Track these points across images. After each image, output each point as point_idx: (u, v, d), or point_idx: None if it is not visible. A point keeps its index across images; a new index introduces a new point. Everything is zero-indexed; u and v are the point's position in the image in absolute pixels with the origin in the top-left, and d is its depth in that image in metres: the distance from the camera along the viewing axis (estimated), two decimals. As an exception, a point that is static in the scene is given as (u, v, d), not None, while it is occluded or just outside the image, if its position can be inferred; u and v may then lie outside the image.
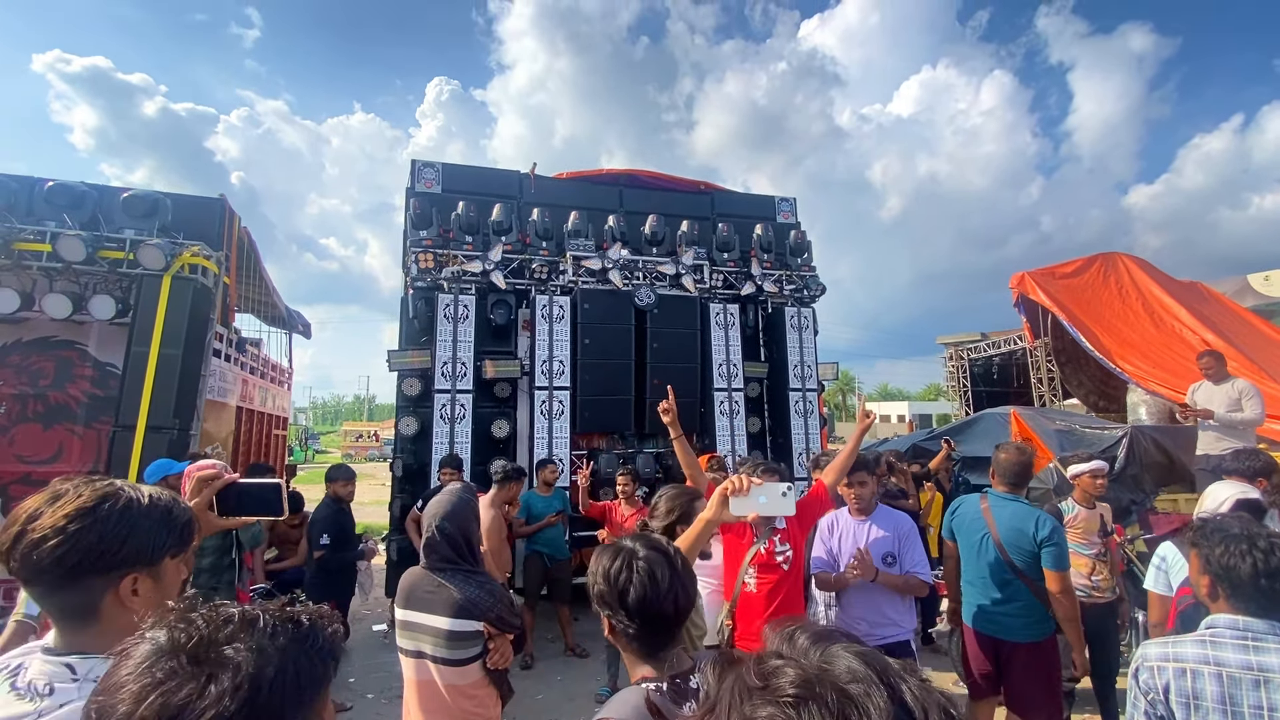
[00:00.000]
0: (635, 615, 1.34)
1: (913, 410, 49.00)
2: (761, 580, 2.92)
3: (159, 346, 5.29)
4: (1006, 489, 3.28)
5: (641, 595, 1.33)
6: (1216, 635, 1.57)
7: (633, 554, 1.39)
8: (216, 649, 0.64)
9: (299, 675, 0.66)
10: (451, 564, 2.09)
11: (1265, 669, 1.47)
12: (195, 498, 1.39)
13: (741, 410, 7.15)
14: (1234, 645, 1.53)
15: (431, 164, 7.07)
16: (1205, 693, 1.51)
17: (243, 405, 7.97)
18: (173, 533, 1.08)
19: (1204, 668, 1.53)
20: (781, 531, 2.96)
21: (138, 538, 1.03)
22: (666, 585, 1.33)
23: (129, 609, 1.01)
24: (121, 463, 5.07)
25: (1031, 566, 3.10)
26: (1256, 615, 1.55)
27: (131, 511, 1.03)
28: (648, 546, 1.41)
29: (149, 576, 1.05)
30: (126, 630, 1.03)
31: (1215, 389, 5.32)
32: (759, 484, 1.83)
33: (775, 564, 2.91)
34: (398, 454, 6.32)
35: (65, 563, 0.97)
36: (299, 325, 10.43)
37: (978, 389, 14.85)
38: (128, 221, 5.54)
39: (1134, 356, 8.99)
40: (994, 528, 3.19)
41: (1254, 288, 13.16)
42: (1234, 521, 1.67)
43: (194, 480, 1.41)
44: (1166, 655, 1.60)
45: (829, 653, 0.55)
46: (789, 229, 7.94)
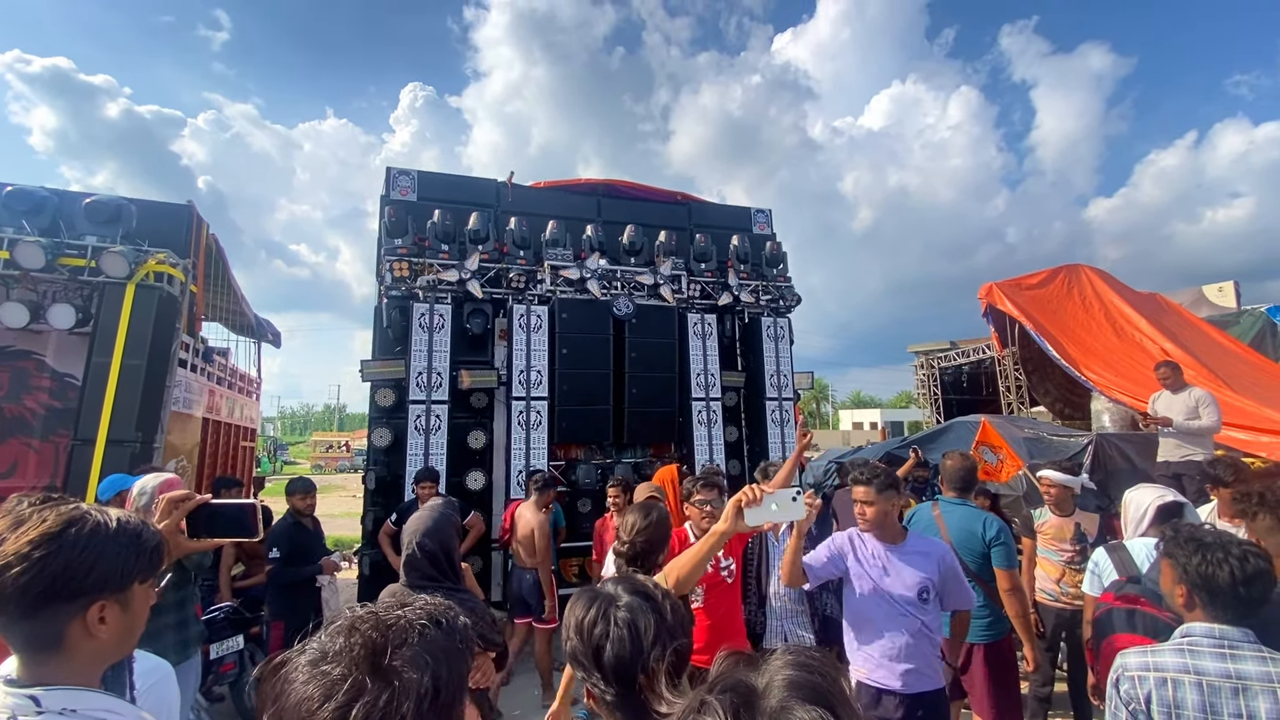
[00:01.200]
0: (612, 678, 1.11)
1: (885, 418, 49.77)
2: (711, 596, 2.94)
3: (121, 357, 5.12)
4: (955, 494, 3.49)
5: (619, 654, 1.10)
6: (1194, 644, 1.58)
7: (611, 601, 1.17)
8: (394, 659, 0.66)
9: (459, 671, 0.70)
10: (432, 581, 2.05)
11: (1243, 676, 1.50)
12: (165, 520, 1.34)
13: (719, 419, 7.18)
14: (1212, 654, 1.55)
15: (407, 171, 7.00)
16: (1187, 701, 1.53)
17: (209, 416, 7.75)
18: (142, 557, 1.04)
19: (1184, 677, 1.54)
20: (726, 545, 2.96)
21: (106, 564, 0.99)
22: (650, 640, 1.11)
23: (96, 637, 0.98)
24: (80, 477, 4.88)
25: (984, 568, 3.26)
26: (1232, 623, 1.57)
27: (99, 536, 0.99)
28: (631, 591, 1.20)
29: (117, 604, 1.01)
30: (94, 658, 1.01)
31: (1174, 398, 5.51)
32: (770, 493, 1.88)
33: (720, 579, 2.95)
34: (370, 466, 6.20)
35: (30, 591, 0.93)
36: (268, 334, 10.20)
37: (948, 397, 15.14)
38: (90, 228, 5.37)
39: (1098, 365, 9.26)
40: (945, 532, 3.35)
41: (1208, 298, 13.69)
42: (1206, 531, 1.70)
43: (164, 502, 1.36)
44: (1147, 665, 1.61)
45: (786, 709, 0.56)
46: (765, 240, 8.04)
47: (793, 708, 0.56)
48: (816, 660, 0.64)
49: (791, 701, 0.56)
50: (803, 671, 0.60)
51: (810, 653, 0.66)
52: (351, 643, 0.67)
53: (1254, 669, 1.50)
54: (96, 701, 0.97)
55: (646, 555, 2.18)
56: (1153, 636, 1.79)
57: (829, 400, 70.96)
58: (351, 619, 0.70)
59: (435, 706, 0.65)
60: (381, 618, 0.70)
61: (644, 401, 6.82)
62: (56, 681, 0.95)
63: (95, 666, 1.03)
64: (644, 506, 2.36)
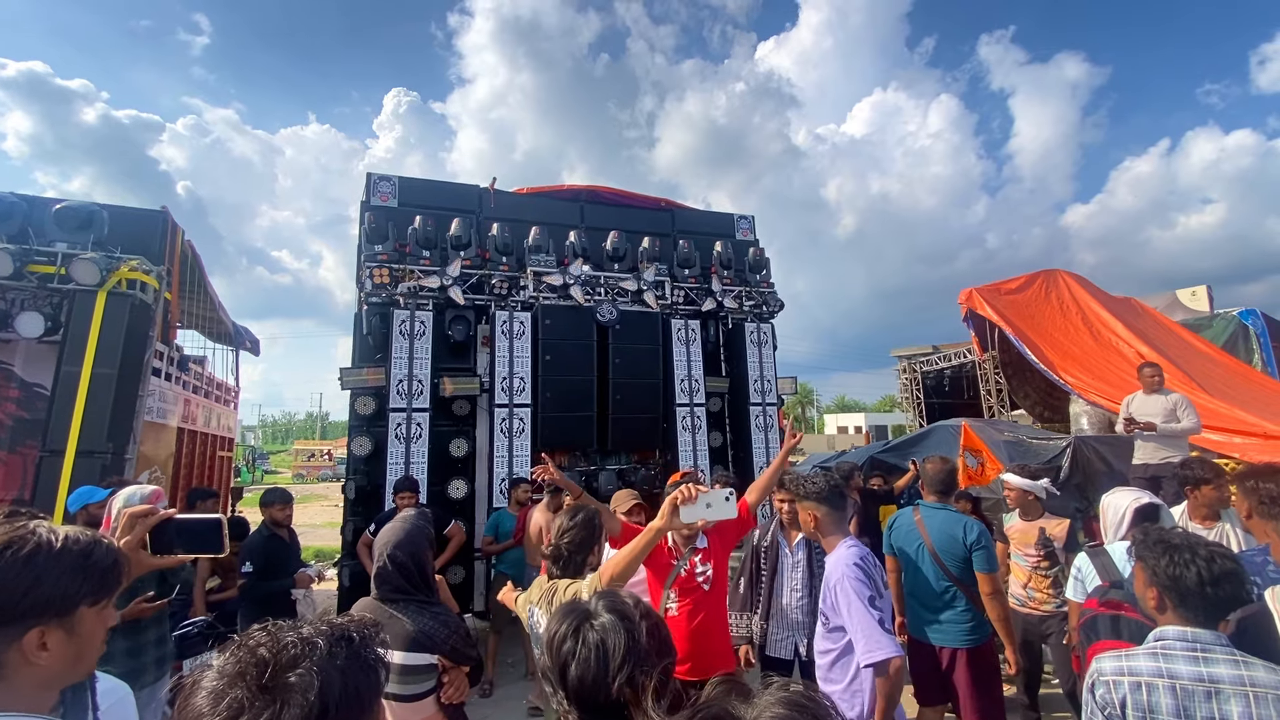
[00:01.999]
0: (573, 699, 1.06)
1: (869, 421, 50.13)
2: (685, 602, 2.88)
3: (92, 366, 5.01)
4: (935, 498, 3.49)
5: (582, 675, 1.06)
6: (1167, 647, 1.58)
7: (586, 618, 1.13)
8: (282, 675, 0.66)
9: (359, 690, 0.69)
10: (404, 594, 2.00)
11: (1215, 680, 1.50)
12: (126, 535, 1.29)
13: (703, 425, 7.18)
14: (1184, 657, 1.55)
15: (388, 177, 6.94)
16: (1161, 706, 1.52)
17: (184, 426, 7.60)
18: (89, 579, 0.98)
19: (1158, 681, 1.54)
20: (703, 551, 2.94)
21: (44, 588, 0.94)
22: (618, 663, 1.05)
23: (35, 665, 0.93)
24: (49, 490, 4.76)
25: (965, 572, 3.25)
26: (1203, 625, 1.58)
27: (38, 558, 0.94)
28: (609, 609, 1.14)
29: (60, 629, 0.95)
30: (36, 686, 0.95)
31: (1148, 400, 5.54)
32: (705, 491, 1.96)
33: (696, 584, 2.90)
34: (350, 475, 6.10)
35: None
36: (246, 342, 10.04)
37: (930, 400, 15.28)
38: (60, 234, 5.25)
39: (1075, 369, 9.40)
40: (927, 537, 3.35)
41: (1182, 302, 13.98)
42: (1174, 534, 1.70)
43: (125, 517, 1.31)
44: (1121, 669, 1.61)
45: None
46: (748, 246, 8.07)
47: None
48: (810, 701, 0.62)
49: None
50: (793, 711, 0.59)
51: (806, 693, 0.64)
52: (242, 660, 0.67)
53: (1226, 672, 1.50)
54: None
55: (573, 556, 2.16)
56: (1137, 642, 1.78)
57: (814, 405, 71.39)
58: (249, 637, 0.70)
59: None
60: (278, 636, 0.70)
61: (628, 407, 6.80)
62: (2, 709, 0.90)
63: (42, 693, 0.98)
64: (572, 509, 2.36)
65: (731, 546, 3.15)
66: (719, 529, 2.98)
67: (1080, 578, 2.86)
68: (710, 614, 2.88)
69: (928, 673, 3.29)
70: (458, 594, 5.80)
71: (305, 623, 0.73)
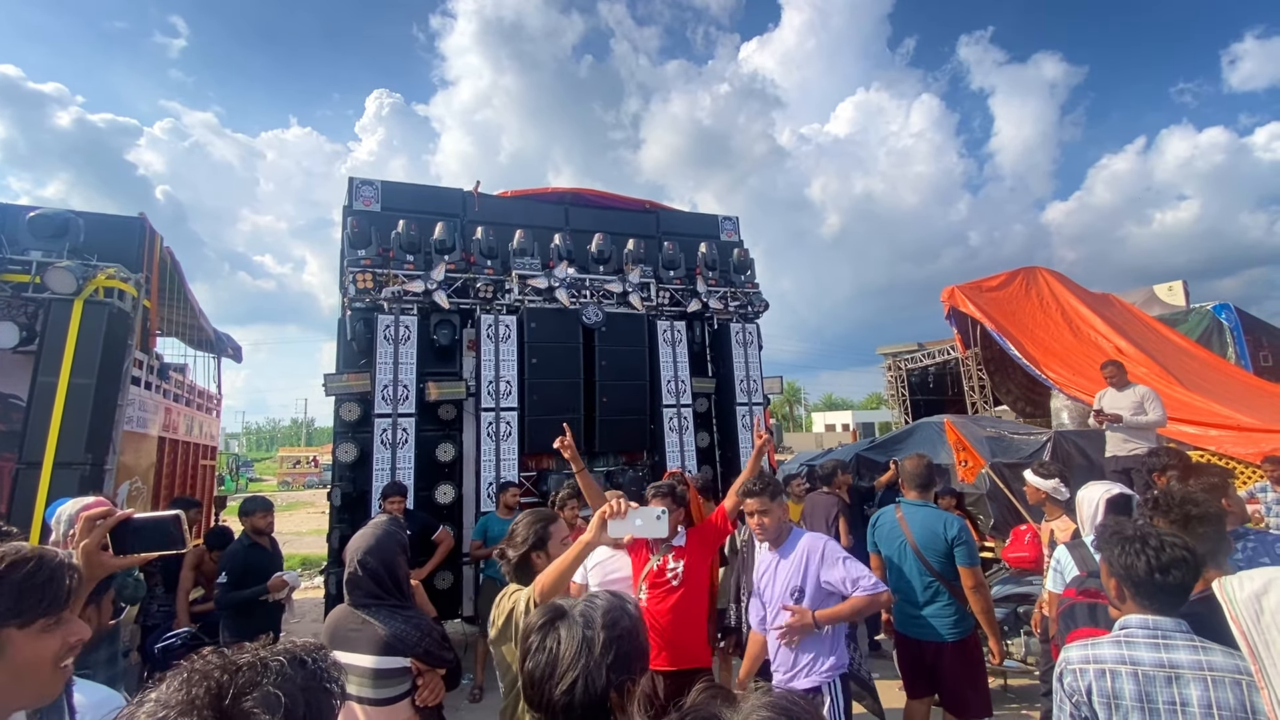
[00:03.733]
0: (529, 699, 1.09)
1: (856, 419, 50.49)
2: (654, 595, 3.05)
3: (69, 376, 4.92)
4: (916, 495, 3.53)
5: (531, 670, 1.09)
6: (1130, 635, 1.64)
7: (560, 616, 1.16)
8: (239, 702, 0.61)
9: (320, 711, 0.66)
10: (376, 600, 2.01)
11: (1175, 665, 1.55)
12: (85, 538, 1.28)
13: (690, 426, 7.21)
14: (1146, 644, 1.60)
15: (370, 181, 6.90)
16: (1124, 692, 1.57)
17: (165, 435, 7.50)
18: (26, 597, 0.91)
19: (1121, 667, 1.59)
20: (677, 549, 3.08)
21: None
22: (565, 666, 1.06)
23: None
24: (26, 503, 4.68)
25: (948, 567, 3.30)
26: (1162, 613, 1.63)
27: None
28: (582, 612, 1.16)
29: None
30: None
31: (1119, 395, 5.71)
32: (636, 508, 1.98)
33: (666, 580, 3.05)
34: (336, 482, 6.06)
35: None
36: (228, 348, 9.92)
37: (915, 397, 15.43)
38: (34, 243, 5.16)
39: (1056, 364, 9.54)
40: (909, 534, 3.40)
41: (1159, 297, 14.23)
42: (1128, 524, 1.75)
43: (82, 520, 1.29)
44: (1087, 657, 1.66)
45: None
46: (732, 247, 8.11)
47: None
48: (796, 705, 0.61)
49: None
50: (778, 714, 0.58)
51: (792, 698, 0.63)
52: (193, 690, 0.62)
53: (1186, 658, 1.55)
54: None
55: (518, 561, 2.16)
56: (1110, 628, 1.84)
57: (801, 403, 71.76)
58: (196, 664, 0.66)
59: None
60: (231, 660, 0.66)
61: (615, 409, 6.81)
62: None
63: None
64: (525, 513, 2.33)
65: (711, 548, 3.24)
66: (698, 532, 3.13)
67: (1059, 569, 2.92)
68: (681, 609, 3.01)
69: (915, 666, 3.36)
70: (447, 599, 5.78)
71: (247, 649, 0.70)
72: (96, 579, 1.29)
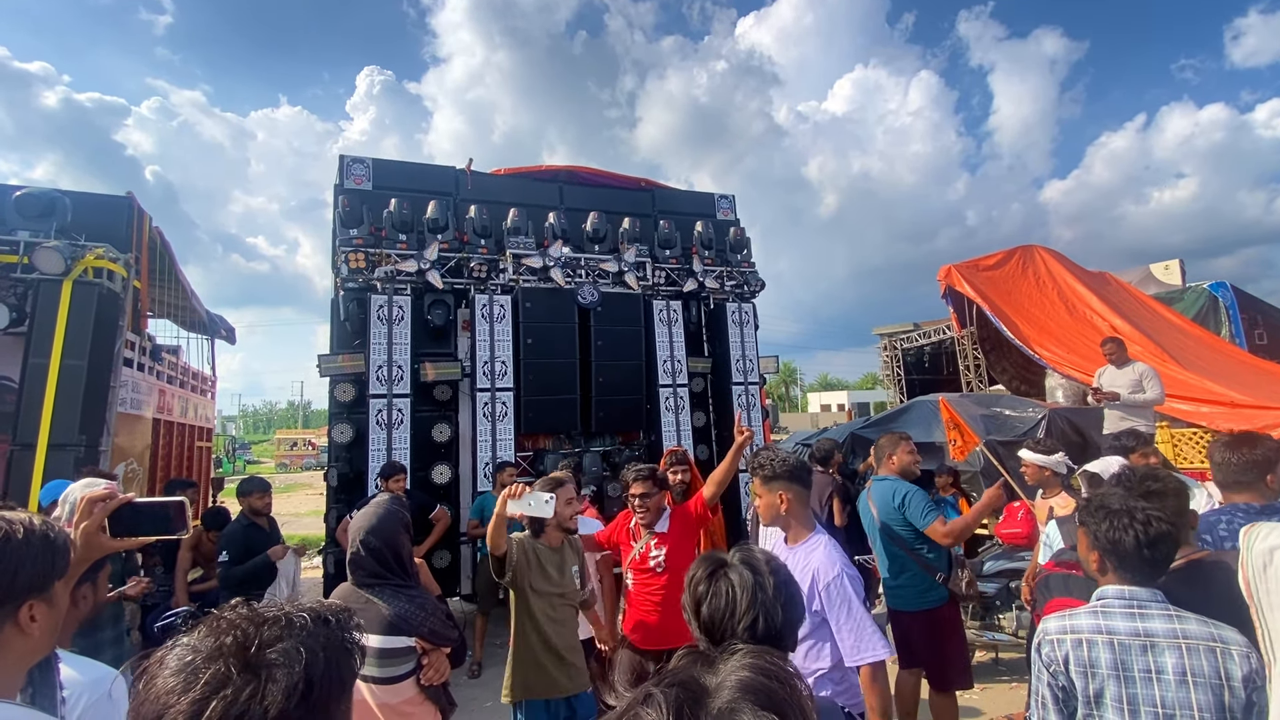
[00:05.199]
0: (702, 632, 1.30)
1: (852, 399, 50.71)
2: (639, 581, 3.16)
3: (60, 357, 4.89)
4: (883, 471, 3.60)
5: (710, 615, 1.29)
6: (1107, 606, 1.66)
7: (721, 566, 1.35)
8: (263, 651, 0.64)
9: (340, 669, 0.68)
10: (380, 579, 2.01)
11: (1150, 634, 1.57)
12: (85, 520, 1.31)
13: (686, 405, 7.21)
14: (1122, 614, 1.62)
15: (361, 159, 6.80)
16: (1100, 660, 1.60)
17: (160, 417, 7.48)
18: (59, 557, 1.10)
19: (1098, 637, 1.62)
20: (659, 536, 3.15)
21: (29, 568, 1.05)
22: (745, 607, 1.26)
23: (29, 635, 1.04)
24: (21, 484, 4.67)
25: (915, 538, 3.34)
26: (1141, 584, 1.65)
27: (12, 544, 1.04)
28: (748, 559, 1.36)
29: (43, 602, 1.07)
30: (23, 657, 1.06)
31: (1118, 373, 5.72)
32: (530, 491, 2.44)
33: (649, 567, 3.12)
34: (332, 463, 6.06)
35: None
36: (221, 330, 9.87)
37: (911, 377, 15.46)
38: (21, 222, 5.09)
39: (1051, 343, 9.56)
40: (874, 509, 3.50)
41: (1156, 276, 14.23)
42: (1114, 498, 1.76)
43: (84, 502, 1.32)
44: (1064, 628, 1.68)
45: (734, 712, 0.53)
46: (729, 226, 8.05)
47: (741, 710, 0.52)
48: (775, 665, 0.61)
49: (741, 704, 0.53)
50: (759, 675, 0.57)
51: (771, 656, 0.63)
52: (221, 637, 0.66)
53: (1161, 626, 1.58)
54: (11, 714, 1.00)
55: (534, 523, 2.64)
56: (1085, 598, 1.88)
57: (797, 383, 71.99)
58: (226, 614, 0.69)
59: (307, 703, 0.63)
60: (259, 613, 0.69)
61: (611, 389, 6.80)
62: None
63: (18, 669, 1.06)
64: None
65: (692, 535, 3.30)
66: (678, 519, 3.22)
67: (1048, 543, 3.00)
68: (667, 594, 3.06)
69: (898, 638, 3.45)
70: (444, 578, 5.82)
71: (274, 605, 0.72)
72: (92, 559, 1.33)
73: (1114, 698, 1.57)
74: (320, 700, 0.64)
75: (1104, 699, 1.58)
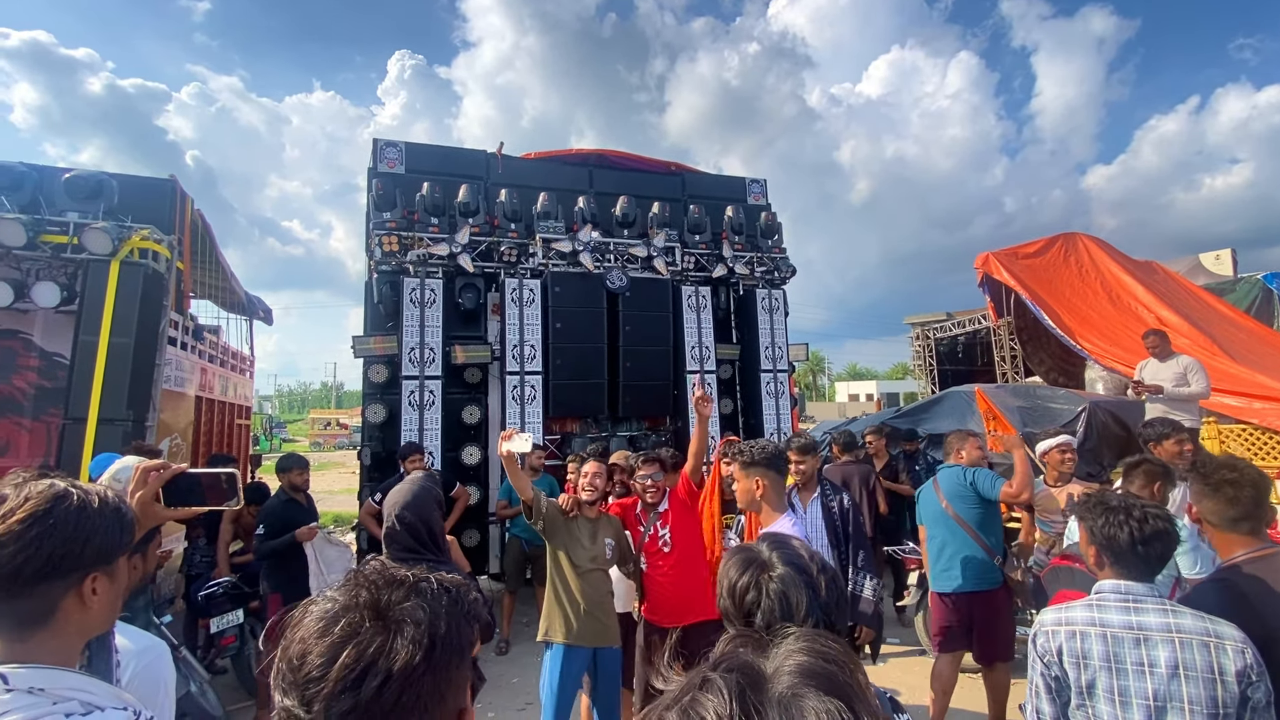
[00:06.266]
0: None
1: (881, 389, 49.96)
2: (652, 563, 3.32)
3: (109, 335, 5.06)
4: (950, 462, 3.88)
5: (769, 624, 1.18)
6: (1102, 600, 1.68)
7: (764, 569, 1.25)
8: (394, 608, 0.69)
9: (460, 635, 0.72)
10: (413, 553, 2.04)
11: (1144, 628, 1.59)
12: (140, 489, 1.33)
13: (714, 392, 7.18)
14: (1117, 607, 1.64)
15: (394, 143, 6.87)
16: (1093, 652, 1.62)
17: (202, 395, 7.71)
18: (125, 532, 1.08)
19: (1091, 629, 1.64)
20: (663, 515, 3.33)
21: (98, 539, 1.02)
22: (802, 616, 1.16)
23: (89, 608, 1.02)
24: (73, 456, 4.86)
25: (982, 520, 3.53)
26: (1137, 579, 1.67)
27: (88, 513, 1.02)
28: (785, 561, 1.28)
29: (105, 575, 1.04)
30: (81, 630, 1.03)
31: (1161, 365, 5.53)
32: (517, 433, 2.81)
33: (658, 548, 3.30)
34: (366, 442, 6.20)
35: (26, 570, 0.94)
36: (259, 311, 10.11)
37: (943, 367, 15.16)
38: (70, 204, 5.26)
39: (1092, 334, 9.26)
40: (940, 493, 3.68)
41: (1205, 266, 13.66)
42: (1112, 495, 1.79)
43: (139, 471, 1.34)
44: (1059, 620, 1.71)
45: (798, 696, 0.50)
46: (760, 210, 7.94)
47: (805, 695, 0.49)
48: (832, 649, 0.57)
49: (803, 689, 0.50)
50: (817, 660, 0.54)
51: (826, 639, 0.59)
52: (356, 589, 0.71)
53: (1155, 620, 1.59)
54: (68, 681, 0.97)
55: None
56: (1087, 591, 1.89)
57: (825, 373, 71.21)
58: (365, 571, 0.74)
59: (429, 660, 0.67)
60: (390, 571, 0.74)
61: (638, 375, 6.80)
62: (31, 660, 0.95)
63: (78, 641, 1.04)
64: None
65: (691, 509, 3.43)
66: (674, 500, 3.37)
67: (1070, 537, 3.05)
68: (679, 570, 3.25)
69: (951, 622, 3.58)
70: (473, 557, 5.92)
71: (405, 570, 0.77)
72: (146, 529, 1.34)
73: (1105, 689, 1.59)
74: (441, 660, 0.68)
75: (1095, 690, 1.61)
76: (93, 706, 0.96)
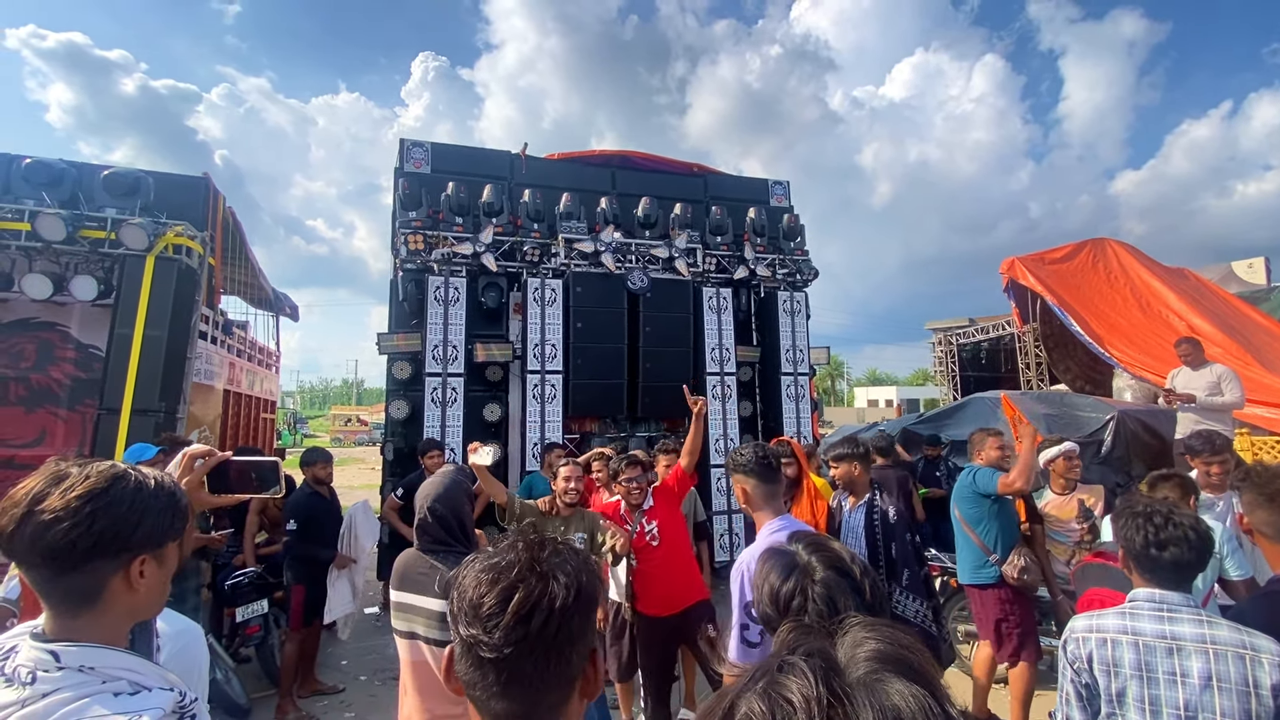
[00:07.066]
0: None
1: (900, 395, 49.39)
2: (642, 558, 3.43)
3: (143, 328, 5.19)
4: (973, 462, 3.90)
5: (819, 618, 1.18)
6: (1136, 608, 1.66)
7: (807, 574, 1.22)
8: (546, 562, 0.83)
9: (594, 586, 0.85)
10: (444, 545, 2.07)
11: (1178, 638, 1.56)
12: (187, 475, 1.35)
13: (734, 394, 7.16)
14: (1150, 616, 1.62)
15: (420, 143, 6.95)
16: (1124, 660, 1.60)
17: (230, 388, 7.87)
18: (178, 517, 1.07)
19: (1123, 637, 1.62)
20: (648, 512, 3.46)
21: (150, 521, 1.02)
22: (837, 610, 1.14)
23: (135, 591, 1.01)
24: (107, 446, 5.00)
25: (971, 514, 3.60)
26: (1172, 588, 1.64)
27: (143, 494, 1.02)
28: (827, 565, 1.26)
29: (154, 559, 1.04)
30: (127, 613, 1.04)
31: (1194, 374, 5.40)
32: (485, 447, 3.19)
33: (646, 543, 3.42)
34: (389, 438, 6.28)
35: (79, 546, 0.94)
36: (286, 307, 10.30)
37: (966, 373, 14.97)
38: (108, 200, 5.41)
39: (1121, 342, 9.08)
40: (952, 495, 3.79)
41: (1238, 274, 13.33)
42: (1141, 500, 1.76)
43: (185, 458, 1.36)
44: (1091, 626, 1.70)
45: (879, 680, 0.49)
46: (782, 213, 7.91)
47: (886, 679, 0.48)
48: (902, 636, 0.56)
49: (883, 673, 0.49)
50: (890, 645, 0.53)
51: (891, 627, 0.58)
52: (516, 551, 0.85)
53: (1189, 631, 1.56)
54: (117, 660, 0.98)
55: None
56: (1121, 588, 1.87)
57: (844, 377, 70.55)
58: (515, 536, 0.89)
59: (579, 603, 0.82)
60: (533, 540, 0.88)
61: (658, 375, 6.81)
62: (81, 638, 0.96)
63: (125, 623, 1.05)
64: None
65: (675, 504, 3.57)
66: (661, 494, 3.51)
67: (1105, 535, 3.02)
68: (667, 561, 3.40)
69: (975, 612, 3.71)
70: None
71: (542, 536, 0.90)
72: (194, 513, 1.36)
73: (1136, 698, 1.57)
74: (584, 604, 0.83)
75: (1126, 698, 1.59)
76: (140, 686, 0.97)
